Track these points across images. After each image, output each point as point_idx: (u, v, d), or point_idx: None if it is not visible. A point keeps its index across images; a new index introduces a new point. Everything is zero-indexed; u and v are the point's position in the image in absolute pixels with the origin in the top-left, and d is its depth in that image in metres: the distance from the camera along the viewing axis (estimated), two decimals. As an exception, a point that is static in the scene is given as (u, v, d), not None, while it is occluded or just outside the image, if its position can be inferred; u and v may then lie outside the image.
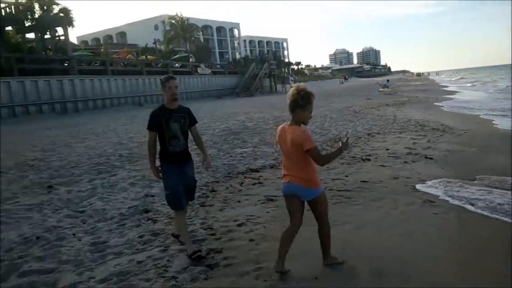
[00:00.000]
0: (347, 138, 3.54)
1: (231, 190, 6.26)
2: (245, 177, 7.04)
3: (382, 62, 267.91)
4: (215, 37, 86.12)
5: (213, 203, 5.71)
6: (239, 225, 4.78)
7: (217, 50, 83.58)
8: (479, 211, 4.99)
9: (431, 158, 7.83)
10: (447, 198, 5.47)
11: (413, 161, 7.65)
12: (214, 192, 6.22)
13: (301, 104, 3.33)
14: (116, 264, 3.89)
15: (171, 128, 3.94)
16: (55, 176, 7.38)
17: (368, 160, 7.85)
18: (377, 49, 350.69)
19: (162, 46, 51.92)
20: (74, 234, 4.70)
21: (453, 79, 70.79)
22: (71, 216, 5.32)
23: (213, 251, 4.12)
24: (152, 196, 6.09)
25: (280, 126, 3.58)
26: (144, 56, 36.08)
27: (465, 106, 19.29)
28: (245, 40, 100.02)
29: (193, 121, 4.18)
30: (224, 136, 11.47)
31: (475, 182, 6.18)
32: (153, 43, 45.88)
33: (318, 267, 3.66)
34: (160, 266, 3.83)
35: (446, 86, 42.61)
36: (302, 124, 3.43)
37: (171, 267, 3.79)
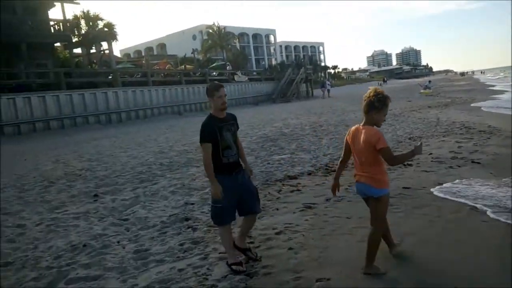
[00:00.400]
0: (421, 142, 3.57)
1: (269, 198, 6.27)
2: (283, 184, 7.02)
3: (423, 62, 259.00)
4: (251, 44, 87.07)
5: (251, 211, 5.73)
6: (277, 233, 4.77)
7: (253, 57, 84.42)
8: (532, 219, 4.68)
9: (478, 163, 7.45)
10: (495, 204, 5.18)
11: (459, 166, 7.31)
12: (252, 200, 6.25)
13: (377, 106, 3.48)
14: (158, 272, 3.99)
15: (224, 138, 3.77)
16: (101, 185, 7.72)
17: (410, 165, 7.60)
18: (417, 49, 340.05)
19: (200, 56, 53.10)
20: (118, 242, 4.87)
21: (497, 77, 67.09)
22: (115, 224, 5.53)
23: (252, 259, 4.13)
24: (192, 204, 6.21)
25: (353, 127, 3.74)
26: (182, 66, 37.06)
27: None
28: (281, 46, 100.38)
29: (237, 127, 4.09)
30: (261, 143, 11.52)
31: (528, 187, 5.81)
32: (192, 53, 47.03)
33: (357, 278, 3.58)
34: (200, 274, 3.89)
35: (493, 86, 40.45)
36: (375, 126, 3.56)
37: (211, 275, 3.84)
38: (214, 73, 37.43)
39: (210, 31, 55.23)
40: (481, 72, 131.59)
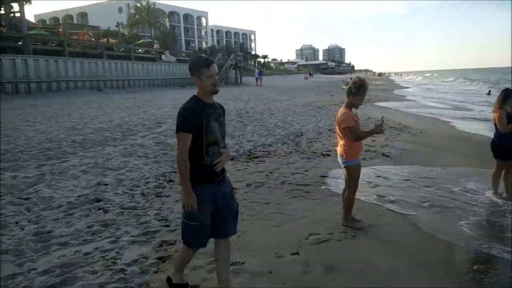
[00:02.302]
0: (382, 121, 4.29)
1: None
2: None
3: (347, 60, 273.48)
4: (182, 25, 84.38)
5: (169, 193, 5.54)
6: (195, 217, 4.65)
7: (183, 38, 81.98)
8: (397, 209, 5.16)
9: (388, 156, 8.03)
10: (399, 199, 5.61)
11: (371, 158, 7.81)
12: (171, 183, 6.04)
13: (354, 91, 4.28)
14: (60, 256, 3.67)
15: (211, 130, 2.79)
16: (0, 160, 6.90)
17: (328, 155, 7.93)
18: (342, 47, 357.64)
19: (125, 30, 50.17)
20: (16, 223, 4.39)
21: (408, 79, 73.40)
22: (14, 203, 4.97)
23: (166, 243, 3.99)
24: (105, 184, 5.82)
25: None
26: (105, 39, 34.67)
27: (417, 106, 20.03)
28: (212, 30, 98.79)
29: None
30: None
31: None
32: (116, 26, 44.19)
33: (272, 262, 3.63)
34: (108, 258, 3.66)
35: (407, 87, 44.07)
36: (353, 108, 4.36)
37: (120, 260, 3.63)
38: (140, 50, 35.63)
39: (138, 5, 52.33)
40: (396, 74, 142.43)
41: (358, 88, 4.28)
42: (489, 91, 30.85)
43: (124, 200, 5.20)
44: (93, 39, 32.56)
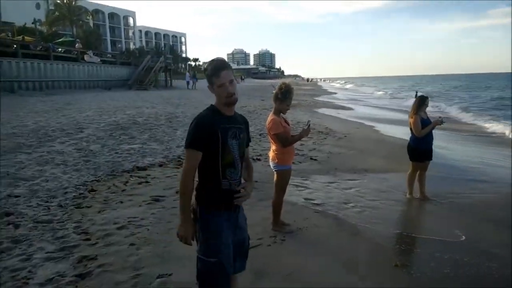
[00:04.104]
0: (308, 125, 4.43)
1: (114, 190, 5.78)
2: (131, 175, 6.58)
3: (277, 65, 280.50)
4: (107, 24, 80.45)
5: (91, 204, 5.19)
6: (119, 228, 4.41)
7: (108, 38, 78.22)
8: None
9: (315, 159, 8.31)
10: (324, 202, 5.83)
11: (300, 162, 8.02)
12: (93, 192, 5.67)
13: (280, 98, 4.36)
14: (-41, 280, 3.23)
15: (229, 148, 2.35)
16: None
17: (259, 160, 8.00)
18: (272, 52, 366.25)
19: (44, 28, 46.61)
20: None
21: (337, 85, 77.42)
22: None
23: (87, 258, 3.71)
24: (17, 196, 5.29)
25: None
26: (20, 37, 31.86)
27: (346, 111, 21.16)
28: (140, 31, 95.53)
29: (249, 138, 2.60)
30: (110, 130, 10.64)
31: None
32: (33, 23, 40.89)
33: (201, 271, 3.53)
34: (19, 278, 3.32)
35: (335, 93, 46.28)
36: (281, 113, 4.44)
37: (33, 279, 3.31)
38: (60, 49, 33.25)
39: (58, 1, 48.95)
40: (323, 80, 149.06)
41: (285, 94, 4.38)
42: (416, 92, 33.48)
43: (39, 213, 4.76)
44: (6, 36, 29.78)
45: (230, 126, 2.37)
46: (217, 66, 2.39)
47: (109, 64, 37.02)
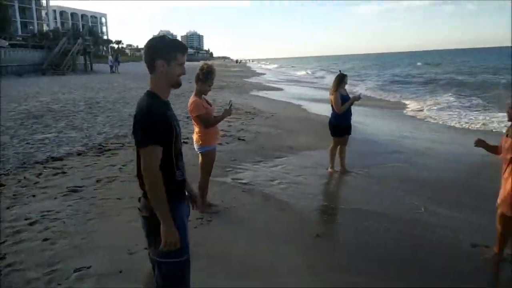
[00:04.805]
0: (230, 105, 4.43)
1: (25, 183, 5.32)
2: (45, 167, 6.09)
3: (205, 47, 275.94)
4: (16, 4, 72.77)
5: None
6: (31, 224, 4.09)
7: (18, 20, 70.91)
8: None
9: (243, 140, 8.36)
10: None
11: (227, 143, 8.02)
12: (1, 187, 5.17)
13: (201, 78, 4.30)
14: None
15: (179, 137, 2.19)
16: None
17: (186, 143, 7.83)
18: (200, 34, 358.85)
19: None
20: None
21: (269, 67, 78.25)
22: None
23: None
24: None
25: None
26: None
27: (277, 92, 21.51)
28: (55, 11, 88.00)
29: None
30: (21, 119, 9.75)
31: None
32: None
33: (123, 260, 3.40)
34: None
35: (263, 73, 46.69)
36: (202, 95, 4.36)
37: None
38: (-42, 31, 29.53)
39: (-48, -24, 43.13)
40: (252, 61, 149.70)
41: (206, 75, 4.33)
42: (340, 71, 34.99)
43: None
44: None
45: (173, 113, 2.18)
46: (182, 43, 2.21)
47: (19, 48, 33.74)
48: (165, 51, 2.09)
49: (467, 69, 40.92)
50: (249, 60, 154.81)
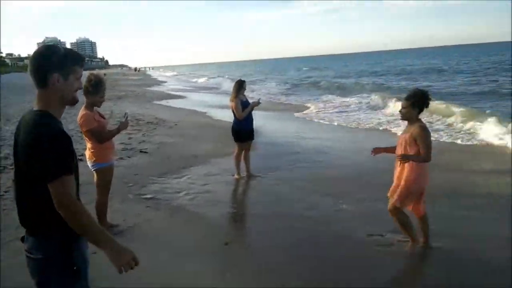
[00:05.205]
0: (126, 117, 4.26)
1: None
2: None
3: (99, 55, 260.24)
4: None
5: None
6: None
7: None
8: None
9: (145, 152, 8.00)
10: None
11: (129, 157, 7.59)
12: None
13: (91, 91, 3.99)
14: None
15: (77, 162, 1.86)
16: None
17: (81, 160, 7.21)
18: (93, 40, 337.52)
19: None
20: None
21: (169, 74, 76.44)
22: None
23: None
24: None
25: None
26: None
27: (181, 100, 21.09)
28: None
29: None
30: None
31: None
32: None
33: None
34: None
35: (165, 82, 45.40)
36: (95, 107, 4.08)
37: None
38: None
39: None
40: (152, 69, 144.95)
41: (95, 87, 4.05)
42: (240, 79, 35.41)
43: None
44: None
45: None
46: (80, 54, 1.91)
47: None
48: (62, 63, 1.80)
49: (345, 73, 44.29)
50: (149, 68, 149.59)
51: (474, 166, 6.84)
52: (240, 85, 6.31)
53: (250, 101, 6.46)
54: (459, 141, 8.86)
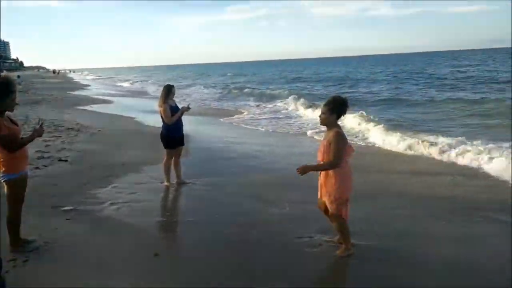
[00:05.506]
0: (41, 124, 4.02)
1: None
2: None
3: (13, 56, 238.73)
4: None
5: None
6: None
7: None
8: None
9: (65, 161, 7.42)
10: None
11: (45, 166, 6.98)
12: None
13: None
14: None
15: None
16: None
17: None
18: (5, 40, 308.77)
19: None
20: None
21: (90, 77, 72.11)
22: None
23: None
24: None
25: None
26: None
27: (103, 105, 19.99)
28: None
29: None
30: None
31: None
32: None
33: None
34: None
35: (88, 85, 42.79)
36: (6, 112, 3.67)
37: None
38: None
39: None
40: (73, 71, 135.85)
41: (4, 89, 3.64)
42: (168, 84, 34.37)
43: None
44: None
45: None
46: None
47: None
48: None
49: (269, 79, 45.11)
50: (69, 71, 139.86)
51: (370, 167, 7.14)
52: (168, 90, 6.13)
53: (180, 106, 6.30)
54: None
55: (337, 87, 30.16)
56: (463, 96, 19.38)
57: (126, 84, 45.39)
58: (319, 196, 3.87)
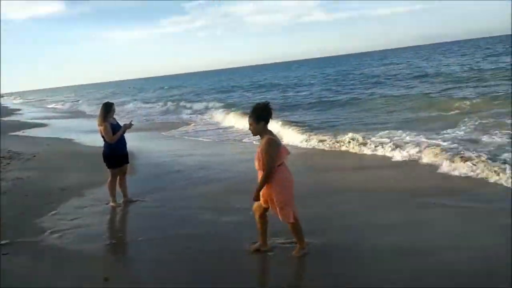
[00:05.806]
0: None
1: None
2: None
3: None
4: None
5: None
6: None
7: None
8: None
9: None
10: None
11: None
12: None
13: None
14: None
15: None
16: None
17: None
18: None
19: None
20: None
21: (16, 101, 67.16)
22: None
23: None
24: None
25: None
26: None
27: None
28: None
29: None
30: None
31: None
32: None
33: None
34: None
35: (19, 110, 39.95)
36: None
37: None
38: None
39: None
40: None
41: None
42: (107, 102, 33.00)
43: None
44: None
45: None
46: None
47: None
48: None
49: (205, 91, 44.58)
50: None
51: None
52: (107, 108, 5.89)
53: (121, 123, 6.08)
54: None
55: (269, 93, 29.71)
56: (388, 92, 19.83)
57: (59, 106, 43.02)
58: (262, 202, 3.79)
